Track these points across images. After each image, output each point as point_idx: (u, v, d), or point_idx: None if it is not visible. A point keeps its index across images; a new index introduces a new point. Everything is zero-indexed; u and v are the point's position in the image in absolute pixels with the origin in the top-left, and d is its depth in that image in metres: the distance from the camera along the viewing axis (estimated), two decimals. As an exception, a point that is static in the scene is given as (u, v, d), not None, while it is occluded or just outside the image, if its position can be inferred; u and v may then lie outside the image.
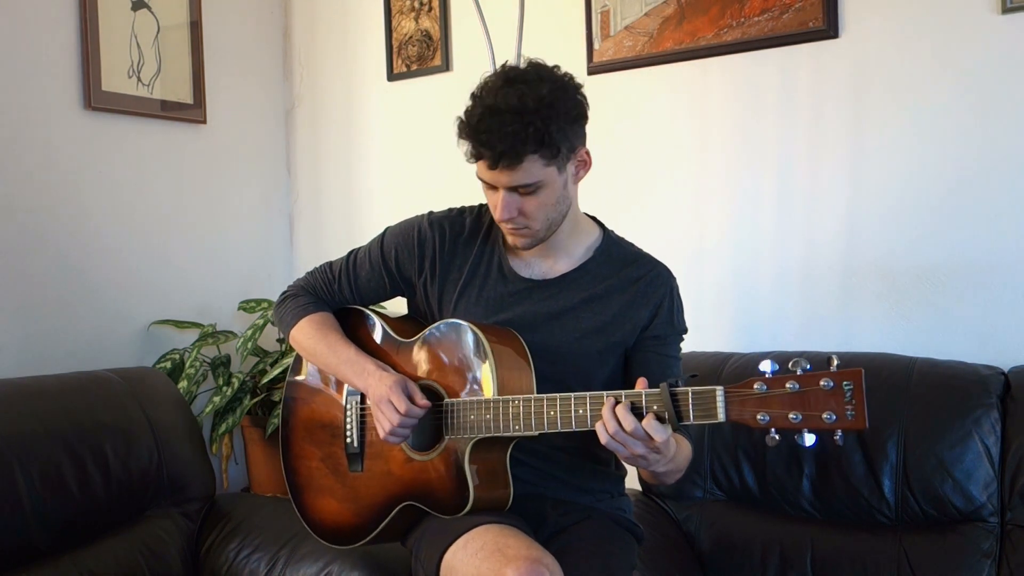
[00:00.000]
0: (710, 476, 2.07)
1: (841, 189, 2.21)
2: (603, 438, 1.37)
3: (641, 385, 1.38)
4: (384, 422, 1.56)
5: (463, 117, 1.51)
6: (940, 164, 2.10)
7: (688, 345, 2.12)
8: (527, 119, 1.44)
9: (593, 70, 2.51)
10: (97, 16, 2.51)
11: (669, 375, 1.61)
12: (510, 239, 1.60)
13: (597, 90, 2.49)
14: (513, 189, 1.51)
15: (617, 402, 1.37)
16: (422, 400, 1.55)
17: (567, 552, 1.50)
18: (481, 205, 1.74)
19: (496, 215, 1.54)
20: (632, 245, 1.71)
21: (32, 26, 2.39)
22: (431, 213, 1.73)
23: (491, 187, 1.54)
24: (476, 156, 1.50)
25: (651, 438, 1.34)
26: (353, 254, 1.77)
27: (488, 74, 1.54)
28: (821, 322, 2.24)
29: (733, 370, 2.05)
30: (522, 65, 1.53)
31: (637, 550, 1.67)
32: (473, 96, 1.51)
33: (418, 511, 1.60)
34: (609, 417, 1.36)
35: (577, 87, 1.54)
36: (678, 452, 1.45)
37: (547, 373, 1.57)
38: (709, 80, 2.37)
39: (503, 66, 1.54)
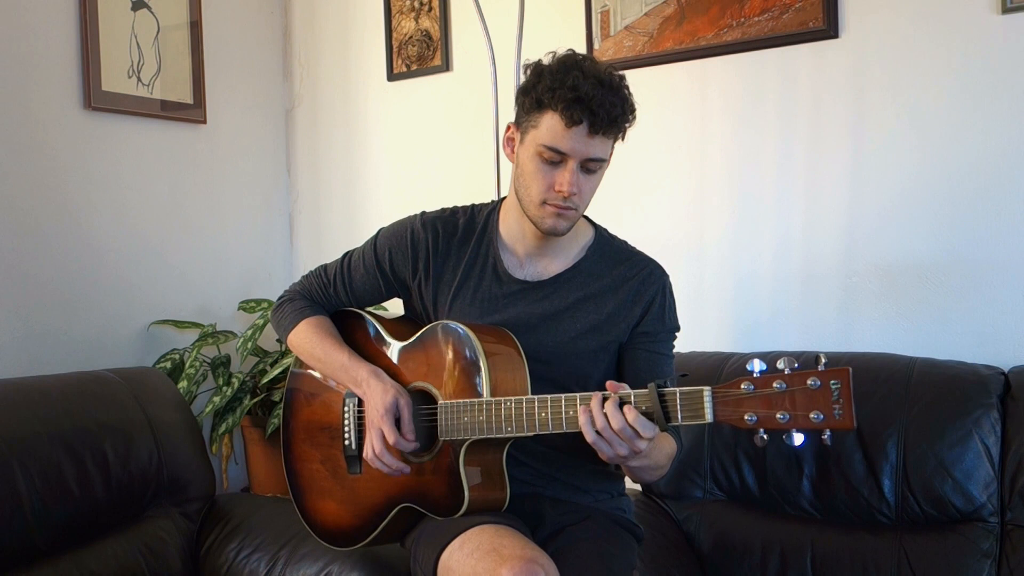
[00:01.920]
0: (710, 476, 2.07)
1: (841, 189, 2.21)
2: (589, 436, 1.37)
3: (610, 387, 1.38)
4: (368, 449, 1.58)
5: (559, 83, 1.48)
6: (940, 164, 2.10)
7: (688, 345, 2.13)
8: (623, 95, 1.51)
9: (593, 70, 2.50)
10: (97, 16, 2.51)
11: (658, 372, 1.62)
12: (550, 221, 1.56)
13: (597, 90, 2.52)
14: (583, 165, 1.52)
15: (605, 399, 1.37)
16: (410, 435, 1.56)
17: (566, 552, 1.50)
18: (474, 205, 1.73)
19: (563, 188, 1.52)
20: (625, 243, 1.71)
21: (32, 26, 2.39)
22: (424, 213, 1.72)
23: (555, 161, 1.52)
24: (574, 121, 1.48)
25: (639, 435, 1.33)
26: (347, 257, 1.77)
27: (557, 54, 1.55)
28: (821, 322, 2.24)
29: (733, 370, 2.05)
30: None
31: (637, 550, 1.67)
32: (562, 67, 1.50)
33: (416, 512, 1.60)
34: (598, 412, 1.36)
35: None
36: (654, 448, 1.45)
37: (543, 374, 1.57)
38: (709, 80, 2.37)
39: (571, 50, 1.56)
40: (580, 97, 1.47)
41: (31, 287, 2.39)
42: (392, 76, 2.90)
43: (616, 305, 1.62)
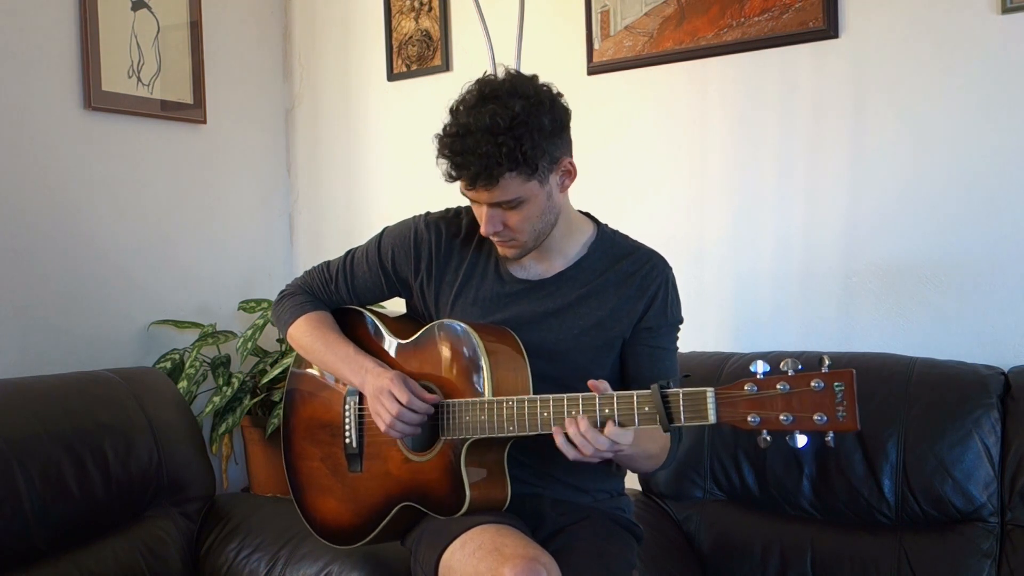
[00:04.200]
0: (710, 476, 2.07)
1: (841, 189, 2.21)
2: (570, 455, 1.40)
3: (592, 387, 1.40)
4: (384, 414, 1.55)
5: (440, 135, 1.51)
6: (940, 164, 2.10)
7: (688, 345, 2.12)
8: (499, 139, 1.43)
9: (593, 70, 2.51)
10: (97, 16, 2.51)
11: (659, 367, 1.62)
12: (500, 250, 1.61)
13: (597, 90, 2.52)
14: (496, 205, 1.51)
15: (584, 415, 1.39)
16: (428, 395, 1.55)
17: (566, 552, 1.50)
18: None
19: (482, 229, 1.55)
20: (627, 238, 1.71)
21: (32, 26, 2.39)
22: (428, 214, 1.72)
23: (475, 202, 1.55)
24: (454, 177, 1.50)
25: (617, 444, 1.36)
26: (351, 254, 1.77)
27: (467, 86, 1.52)
28: (821, 322, 2.24)
29: (733, 370, 2.05)
30: (500, 75, 1.52)
31: (637, 550, 1.67)
32: (450, 112, 1.51)
33: (417, 511, 1.60)
34: (577, 437, 1.39)
35: (555, 98, 1.52)
36: (640, 438, 1.47)
37: (546, 371, 1.57)
38: (709, 80, 2.37)
39: (479, 81, 1.52)
40: (447, 155, 1.48)
41: (31, 287, 2.39)
42: (392, 76, 2.90)
43: (619, 300, 1.62)
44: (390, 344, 1.68)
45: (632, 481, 1.92)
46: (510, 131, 1.44)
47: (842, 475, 1.92)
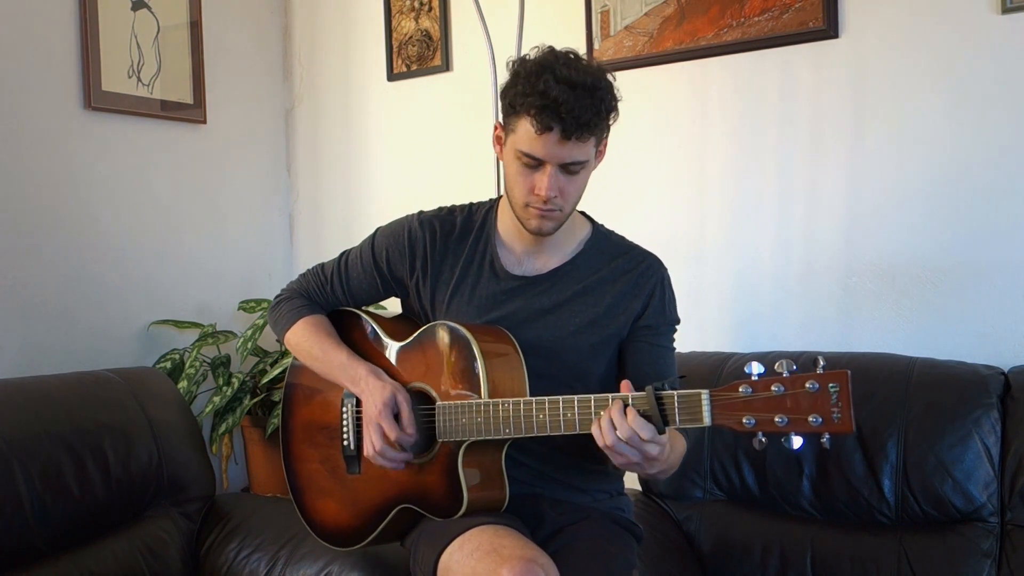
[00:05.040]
0: (710, 476, 2.07)
1: (841, 189, 2.21)
2: (600, 443, 1.36)
3: (625, 387, 1.37)
4: (369, 446, 1.57)
5: (530, 88, 1.47)
6: (940, 164, 2.10)
7: (688, 345, 2.13)
8: (599, 96, 1.48)
9: (593, 70, 2.50)
10: (97, 16, 2.51)
11: (660, 365, 1.62)
12: (535, 222, 1.56)
13: (597, 90, 2.52)
14: (563, 167, 1.51)
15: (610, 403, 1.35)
16: (410, 428, 1.55)
17: (566, 552, 1.50)
18: (471, 204, 1.73)
19: (541, 192, 1.51)
20: (622, 238, 1.71)
21: (32, 26, 2.39)
22: (421, 213, 1.72)
23: (533, 165, 1.51)
24: (545, 127, 1.46)
25: (641, 438, 1.32)
26: (345, 256, 1.77)
27: (530, 54, 1.53)
28: (821, 322, 2.24)
29: (732, 370, 2.05)
30: (537, 55, 1.53)
31: (636, 550, 1.66)
32: (536, 70, 1.48)
33: (416, 513, 1.60)
34: (606, 424, 1.34)
35: None
36: (671, 453, 1.45)
37: (542, 369, 1.57)
38: (709, 80, 2.37)
39: (551, 48, 1.53)
40: (548, 104, 1.45)
41: (31, 287, 2.39)
42: (392, 76, 2.89)
43: (614, 298, 1.62)
44: (387, 347, 1.68)
45: (632, 481, 1.92)
46: (607, 91, 1.50)
47: (842, 475, 1.92)
